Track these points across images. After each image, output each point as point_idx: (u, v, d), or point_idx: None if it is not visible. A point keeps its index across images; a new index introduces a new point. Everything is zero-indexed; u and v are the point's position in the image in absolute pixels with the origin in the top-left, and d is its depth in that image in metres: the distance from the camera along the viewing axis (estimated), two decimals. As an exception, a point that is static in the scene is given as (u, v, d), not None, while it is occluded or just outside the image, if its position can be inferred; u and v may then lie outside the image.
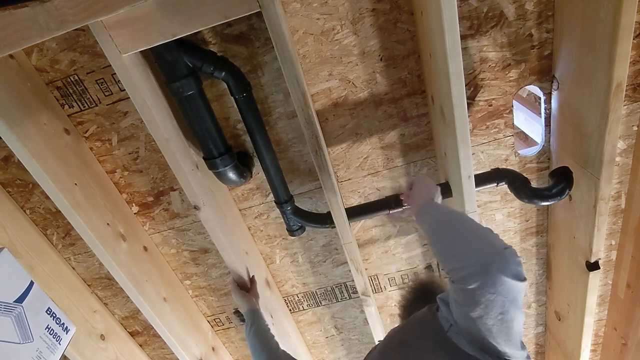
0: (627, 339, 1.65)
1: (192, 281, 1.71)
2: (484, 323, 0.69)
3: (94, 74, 1.21)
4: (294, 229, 1.41)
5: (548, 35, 1.17)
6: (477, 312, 0.68)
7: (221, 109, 1.28)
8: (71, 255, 1.59)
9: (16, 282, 1.23)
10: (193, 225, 1.54)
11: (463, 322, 0.73)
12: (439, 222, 0.90)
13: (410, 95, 1.27)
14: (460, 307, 0.72)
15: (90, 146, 1.35)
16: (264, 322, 1.23)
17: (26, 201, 1.45)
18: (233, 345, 1.95)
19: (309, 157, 1.37)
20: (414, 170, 1.41)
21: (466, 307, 0.70)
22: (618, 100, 1.02)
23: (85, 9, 0.83)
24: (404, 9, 1.13)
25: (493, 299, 0.67)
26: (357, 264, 1.35)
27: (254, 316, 1.25)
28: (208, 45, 1.17)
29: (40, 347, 1.24)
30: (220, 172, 1.23)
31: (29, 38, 0.83)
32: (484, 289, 0.67)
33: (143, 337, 1.87)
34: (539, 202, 1.23)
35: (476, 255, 0.71)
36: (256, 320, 1.23)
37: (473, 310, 0.69)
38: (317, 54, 1.19)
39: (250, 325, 1.21)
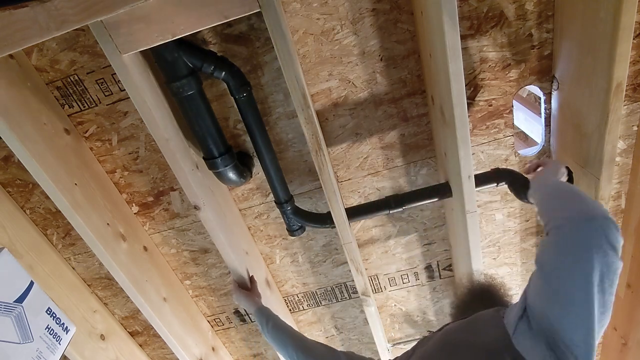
0: (628, 339, 1.65)
1: (192, 281, 1.71)
2: (563, 292, 0.62)
3: (94, 74, 1.21)
4: (294, 229, 1.41)
5: (548, 35, 1.17)
6: (560, 273, 0.63)
7: (221, 109, 1.28)
8: (71, 255, 1.59)
9: (16, 282, 1.23)
10: (193, 225, 1.54)
11: (537, 303, 0.66)
12: (558, 187, 0.89)
13: (410, 95, 1.27)
14: (542, 276, 0.67)
15: (90, 146, 1.35)
16: (278, 316, 1.24)
17: (26, 201, 1.45)
18: (233, 345, 1.95)
19: (309, 157, 1.37)
20: (414, 170, 1.41)
21: (549, 270, 0.65)
22: (618, 100, 1.02)
23: (85, 9, 0.83)
24: (404, 9, 1.13)
25: (581, 255, 0.62)
26: (357, 264, 1.35)
27: (267, 313, 1.24)
28: (208, 45, 1.17)
29: (40, 347, 1.24)
30: (221, 172, 1.23)
31: (29, 38, 0.83)
32: (578, 237, 0.63)
33: (143, 337, 1.87)
34: None
35: (583, 209, 0.69)
36: (271, 316, 1.23)
37: (557, 267, 0.63)
38: (317, 54, 1.19)
39: (266, 323, 1.20)
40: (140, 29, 0.93)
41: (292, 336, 1.14)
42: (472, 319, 0.85)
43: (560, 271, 0.64)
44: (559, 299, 0.64)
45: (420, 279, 1.71)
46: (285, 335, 1.15)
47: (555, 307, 0.64)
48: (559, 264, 0.65)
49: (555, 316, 0.64)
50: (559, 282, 0.64)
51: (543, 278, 0.67)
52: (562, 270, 0.64)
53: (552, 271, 0.65)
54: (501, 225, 1.55)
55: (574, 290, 0.62)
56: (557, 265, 0.65)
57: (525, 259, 1.65)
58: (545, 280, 0.67)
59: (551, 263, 0.66)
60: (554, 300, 0.64)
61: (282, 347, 1.14)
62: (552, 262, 0.66)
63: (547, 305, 0.65)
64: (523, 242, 1.60)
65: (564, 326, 0.63)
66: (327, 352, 1.07)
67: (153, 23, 0.92)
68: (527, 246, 1.61)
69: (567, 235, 0.65)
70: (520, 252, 1.63)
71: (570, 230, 0.65)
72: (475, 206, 1.18)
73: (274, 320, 1.21)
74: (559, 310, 0.63)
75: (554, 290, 0.64)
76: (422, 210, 1.52)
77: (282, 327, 1.19)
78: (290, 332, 1.17)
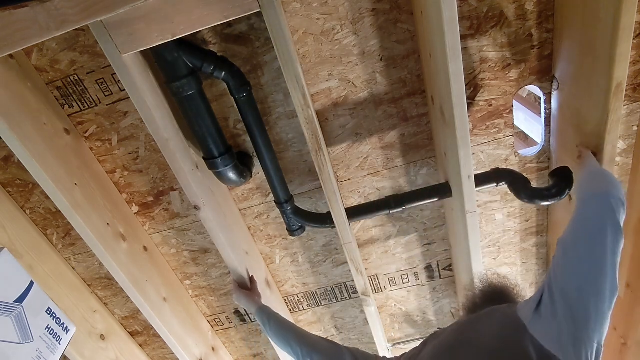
0: (627, 339, 1.65)
1: (192, 281, 1.71)
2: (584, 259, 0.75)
3: (94, 74, 1.21)
4: (294, 229, 1.41)
5: (548, 35, 1.17)
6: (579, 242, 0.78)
7: (221, 109, 1.28)
8: (71, 255, 1.59)
9: (16, 282, 1.23)
10: (193, 225, 1.54)
11: (559, 278, 0.76)
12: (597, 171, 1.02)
13: (410, 95, 1.27)
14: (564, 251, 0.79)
15: (90, 146, 1.35)
16: (279, 314, 1.24)
17: (26, 201, 1.45)
18: (233, 345, 1.95)
19: (309, 157, 1.37)
20: (414, 170, 1.41)
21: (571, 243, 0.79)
22: (618, 101, 1.02)
23: (85, 9, 0.83)
24: (404, 9, 1.13)
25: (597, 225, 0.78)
26: (357, 264, 1.35)
27: (267, 311, 1.25)
28: (208, 45, 1.17)
29: (40, 347, 1.24)
30: (221, 172, 1.23)
31: (29, 38, 0.83)
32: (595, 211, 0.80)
33: (143, 337, 1.87)
34: (539, 202, 1.23)
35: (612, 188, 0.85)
36: (272, 314, 1.23)
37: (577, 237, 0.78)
38: (317, 54, 1.19)
39: (268, 321, 1.21)
40: (140, 29, 0.93)
41: (295, 332, 1.15)
42: (485, 313, 0.88)
43: (580, 240, 0.79)
44: (578, 267, 0.75)
45: (420, 279, 1.71)
46: (288, 332, 1.16)
47: (575, 276, 0.74)
48: (579, 235, 0.80)
49: (574, 285, 0.74)
50: (579, 250, 0.77)
51: (565, 252, 0.79)
52: (581, 239, 0.79)
53: (574, 242, 0.79)
54: (501, 225, 1.55)
55: (592, 256, 0.76)
56: (577, 235, 0.80)
57: (525, 259, 1.65)
58: (567, 252, 0.79)
59: (572, 236, 0.81)
60: (575, 269, 0.75)
61: (285, 344, 1.14)
62: (573, 235, 0.81)
63: (568, 276, 0.75)
64: (523, 242, 1.60)
65: (581, 293, 0.72)
66: (331, 347, 1.07)
67: (153, 23, 0.92)
68: (527, 246, 1.61)
69: (587, 209, 0.83)
70: (520, 252, 1.63)
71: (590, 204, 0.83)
72: (475, 206, 1.18)
73: (276, 317, 1.22)
74: (578, 277, 0.74)
75: (575, 259, 0.77)
76: (422, 210, 1.52)
77: (284, 324, 1.20)
78: (293, 329, 1.17)
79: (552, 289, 0.76)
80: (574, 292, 0.73)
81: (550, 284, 0.77)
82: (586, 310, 0.71)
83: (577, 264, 0.76)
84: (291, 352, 1.12)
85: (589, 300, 0.72)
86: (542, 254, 1.63)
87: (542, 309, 0.76)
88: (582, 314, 0.71)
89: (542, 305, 0.76)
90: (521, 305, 0.84)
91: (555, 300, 0.75)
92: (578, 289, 0.73)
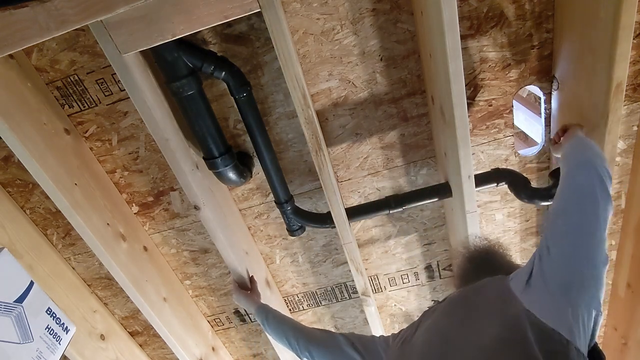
0: (628, 339, 1.65)
1: (192, 281, 1.71)
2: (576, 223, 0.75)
3: (94, 74, 1.21)
4: (294, 229, 1.42)
5: (548, 35, 1.17)
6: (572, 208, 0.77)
7: (221, 109, 1.28)
8: (71, 255, 1.59)
9: (16, 282, 1.23)
10: (193, 225, 1.54)
11: (552, 245, 0.75)
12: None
13: (410, 95, 1.27)
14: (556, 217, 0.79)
15: (90, 146, 1.35)
16: (277, 311, 1.25)
17: (26, 201, 1.45)
18: (233, 345, 1.95)
19: (309, 157, 1.37)
20: (414, 170, 1.41)
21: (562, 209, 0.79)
22: (618, 101, 1.02)
23: (85, 9, 0.83)
24: (404, 9, 1.13)
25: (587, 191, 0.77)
26: (357, 264, 1.35)
27: (266, 309, 1.26)
28: (208, 45, 1.17)
29: (40, 347, 1.24)
30: (220, 172, 1.23)
31: (29, 38, 0.83)
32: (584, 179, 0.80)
33: (143, 337, 1.87)
34: (539, 202, 1.23)
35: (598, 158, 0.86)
36: (270, 311, 1.24)
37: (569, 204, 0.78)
38: (317, 54, 1.19)
39: (266, 318, 1.22)
40: (140, 29, 0.93)
41: (291, 327, 1.16)
42: (477, 286, 0.87)
43: (571, 208, 0.78)
44: (571, 234, 0.75)
45: (420, 279, 1.71)
46: (285, 326, 1.17)
47: (567, 243, 0.74)
48: (570, 203, 0.79)
49: (567, 252, 0.73)
50: (571, 218, 0.77)
51: (555, 220, 0.79)
52: (573, 207, 0.78)
53: (564, 211, 0.79)
54: (501, 225, 1.55)
55: (584, 223, 0.75)
56: (568, 203, 0.80)
57: (525, 259, 1.65)
58: (558, 220, 0.78)
59: (563, 204, 0.81)
60: (567, 236, 0.75)
61: (283, 339, 1.15)
62: (564, 203, 0.81)
63: (560, 244, 0.74)
64: (523, 242, 1.60)
65: (574, 260, 0.72)
66: (326, 337, 1.08)
67: (153, 23, 0.92)
68: (527, 246, 1.61)
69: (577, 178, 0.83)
70: (521, 252, 1.63)
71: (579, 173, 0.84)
72: (475, 206, 1.18)
73: (273, 314, 1.23)
74: (571, 245, 0.74)
75: (567, 226, 0.76)
76: (422, 210, 1.52)
77: (282, 319, 1.21)
78: (290, 323, 1.18)
79: (543, 258, 0.75)
80: (568, 259, 0.73)
81: (542, 253, 0.75)
82: (581, 276, 0.70)
83: (569, 231, 0.75)
84: (289, 346, 1.13)
85: (582, 266, 0.71)
86: (542, 254, 1.63)
87: (533, 281, 0.74)
88: (577, 280, 0.70)
89: (534, 277, 0.74)
90: (513, 278, 0.80)
91: (545, 271, 0.73)
92: (571, 256, 0.73)
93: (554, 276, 0.72)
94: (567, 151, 0.99)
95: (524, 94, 2.00)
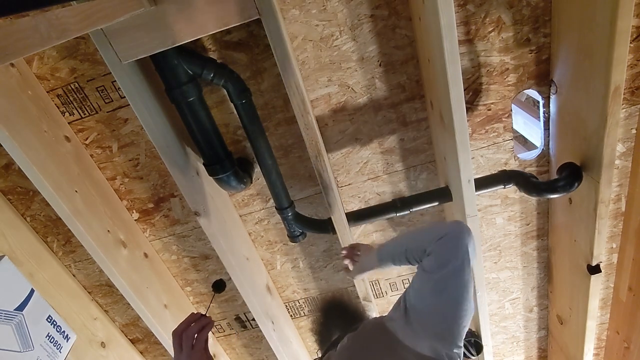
0: (630, 342, 1.64)
1: (193, 287, 1.70)
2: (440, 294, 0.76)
3: (94, 81, 1.22)
4: (295, 235, 1.41)
5: (546, 40, 1.18)
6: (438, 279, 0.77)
7: (221, 115, 1.28)
8: (71, 263, 1.58)
9: (16, 290, 1.23)
10: (193, 231, 1.54)
11: (419, 305, 0.78)
12: (396, 242, 0.99)
13: (409, 100, 1.27)
14: (422, 283, 0.81)
15: (91, 153, 1.35)
16: None
17: (27, 209, 1.45)
18: (234, 352, 1.94)
19: (309, 162, 1.37)
20: (414, 174, 1.41)
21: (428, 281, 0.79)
22: (616, 104, 1.03)
23: (85, 17, 0.84)
24: (402, 15, 1.14)
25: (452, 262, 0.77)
26: (358, 269, 1.35)
27: None
28: (208, 52, 1.18)
29: (40, 356, 1.23)
30: (221, 178, 1.23)
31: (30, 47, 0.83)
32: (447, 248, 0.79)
33: (144, 344, 1.86)
34: (548, 194, 1.21)
35: (436, 233, 0.83)
36: None
37: (436, 274, 0.77)
38: (316, 60, 1.20)
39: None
40: (140, 37, 0.94)
41: None
42: (358, 333, 0.88)
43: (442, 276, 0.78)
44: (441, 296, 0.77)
45: (422, 283, 1.70)
46: None
47: (436, 301, 0.77)
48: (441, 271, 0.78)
49: (435, 308, 0.77)
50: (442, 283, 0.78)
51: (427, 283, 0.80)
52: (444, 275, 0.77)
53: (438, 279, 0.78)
54: (502, 229, 1.55)
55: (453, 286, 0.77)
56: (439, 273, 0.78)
57: (526, 263, 1.65)
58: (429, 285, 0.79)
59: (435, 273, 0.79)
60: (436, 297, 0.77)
61: None
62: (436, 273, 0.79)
63: (431, 301, 0.78)
64: (524, 246, 1.60)
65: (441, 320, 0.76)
66: None
67: (153, 31, 0.93)
68: (527, 250, 1.61)
69: (438, 251, 0.80)
70: (521, 256, 1.63)
71: (448, 238, 0.81)
72: (476, 210, 1.18)
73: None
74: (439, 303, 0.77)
75: (437, 289, 0.78)
76: (422, 215, 1.52)
77: None
78: None
79: (414, 309, 0.79)
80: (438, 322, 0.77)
81: (412, 305, 0.80)
82: (450, 331, 0.76)
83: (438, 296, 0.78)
84: None
85: (452, 325, 0.76)
86: (543, 257, 1.63)
87: (408, 322, 0.79)
88: (447, 335, 0.75)
89: (407, 320, 0.79)
90: (389, 317, 0.85)
91: (416, 320, 0.78)
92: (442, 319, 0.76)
93: (419, 323, 0.78)
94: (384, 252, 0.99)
95: (522, 98, 2.01)
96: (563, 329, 1.68)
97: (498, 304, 1.78)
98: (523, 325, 1.87)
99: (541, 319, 1.84)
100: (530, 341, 1.93)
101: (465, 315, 0.76)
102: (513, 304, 1.79)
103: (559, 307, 1.66)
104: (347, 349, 0.85)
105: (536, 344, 1.94)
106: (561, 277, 1.57)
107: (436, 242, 0.81)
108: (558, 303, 1.66)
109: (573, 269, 1.43)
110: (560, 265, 1.54)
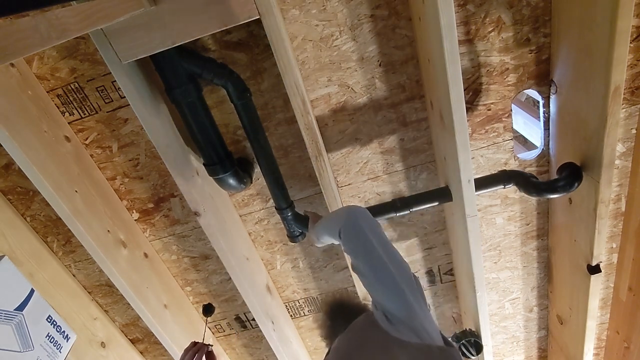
0: (630, 342, 1.64)
1: (193, 287, 1.70)
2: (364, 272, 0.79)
3: (94, 81, 1.22)
4: (294, 235, 1.41)
5: (545, 40, 1.18)
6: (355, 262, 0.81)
7: (221, 115, 1.28)
8: (71, 263, 1.58)
9: (16, 290, 1.23)
10: (193, 231, 1.54)
11: (374, 296, 0.80)
12: (320, 227, 1.03)
13: (409, 100, 1.27)
14: (362, 280, 0.82)
15: (91, 153, 1.35)
16: None
17: (27, 209, 1.45)
18: (234, 352, 1.94)
19: (309, 162, 1.37)
20: (414, 174, 1.41)
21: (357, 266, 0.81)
22: (616, 104, 1.03)
23: (86, 17, 0.84)
24: (402, 15, 1.14)
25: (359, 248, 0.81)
26: (358, 269, 1.34)
27: None
28: (208, 52, 1.18)
29: (40, 356, 1.23)
30: (221, 178, 1.23)
31: (30, 47, 0.83)
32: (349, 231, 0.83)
33: (144, 344, 1.86)
34: (548, 194, 1.21)
35: (335, 227, 0.87)
36: None
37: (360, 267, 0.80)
38: (316, 60, 1.20)
39: None
40: (140, 37, 0.94)
41: None
42: (349, 330, 0.89)
43: (357, 259, 0.82)
44: (368, 278, 0.80)
45: (421, 283, 1.70)
46: None
47: (372, 288, 0.80)
48: (354, 254, 0.82)
49: (378, 296, 0.79)
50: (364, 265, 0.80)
51: (362, 279, 0.82)
52: (357, 256, 0.82)
53: (356, 264, 0.82)
54: (502, 229, 1.55)
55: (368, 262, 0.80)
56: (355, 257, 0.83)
57: (526, 263, 1.65)
58: (360, 274, 0.82)
59: (353, 258, 0.84)
60: (369, 283, 0.80)
61: None
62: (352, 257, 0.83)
63: (370, 290, 0.81)
64: (524, 246, 1.60)
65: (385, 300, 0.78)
66: None
67: (153, 31, 0.93)
68: (527, 249, 1.61)
69: (345, 236, 0.85)
70: (521, 256, 1.63)
71: (344, 233, 0.85)
72: (476, 210, 1.18)
73: None
74: (375, 288, 0.79)
75: (365, 275, 0.80)
76: (422, 215, 1.52)
77: None
78: None
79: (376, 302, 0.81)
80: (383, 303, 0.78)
81: (374, 301, 0.82)
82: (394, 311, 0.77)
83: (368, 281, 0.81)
84: None
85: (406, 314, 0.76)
86: (543, 257, 1.63)
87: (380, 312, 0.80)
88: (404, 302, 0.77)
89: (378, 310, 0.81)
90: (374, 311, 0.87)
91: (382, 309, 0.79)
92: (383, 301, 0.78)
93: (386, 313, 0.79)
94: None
95: (522, 98, 2.01)
96: (563, 328, 1.68)
97: (498, 304, 1.78)
98: (523, 325, 1.87)
99: (541, 319, 1.84)
100: (530, 341, 1.93)
101: (403, 274, 0.78)
102: (513, 304, 1.79)
103: (559, 307, 1.66)
104: (337, 350, 0.86)
105: (536, 344, 1.94)
106: (561, 277, 1.57)
107: (340, 239, 0.86)
108: (558, 303, 1.66)
109: (573, 269, 1.43)
110: (560, 265, 1.54)
